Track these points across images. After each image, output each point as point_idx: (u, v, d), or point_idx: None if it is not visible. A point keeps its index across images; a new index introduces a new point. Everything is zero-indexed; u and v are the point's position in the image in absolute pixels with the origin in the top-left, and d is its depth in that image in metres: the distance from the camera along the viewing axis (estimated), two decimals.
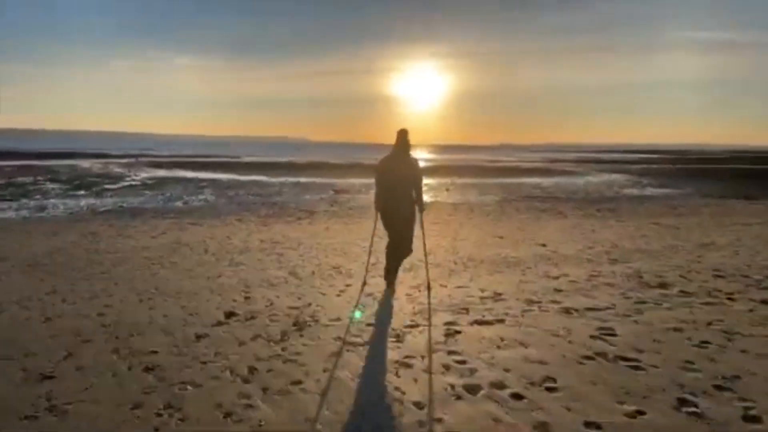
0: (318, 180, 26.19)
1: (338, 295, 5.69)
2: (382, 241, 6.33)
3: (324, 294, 5.75)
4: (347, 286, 6.08)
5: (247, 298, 5.56)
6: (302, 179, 26.43)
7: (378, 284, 6.06)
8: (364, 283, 5.97)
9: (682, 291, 5.93)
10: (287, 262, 7.38)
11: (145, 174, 28.40)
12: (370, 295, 5.69)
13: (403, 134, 5.63)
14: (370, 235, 6.35)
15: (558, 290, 5.92)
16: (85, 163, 37.96)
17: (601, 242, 9.22)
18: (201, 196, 17.57)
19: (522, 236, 9.87)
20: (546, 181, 27.92)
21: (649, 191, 22.16)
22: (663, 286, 6.15)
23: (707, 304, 5.45)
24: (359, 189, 21.39)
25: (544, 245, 8.88)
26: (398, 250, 5.76)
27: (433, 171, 36.10)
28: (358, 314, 5.03)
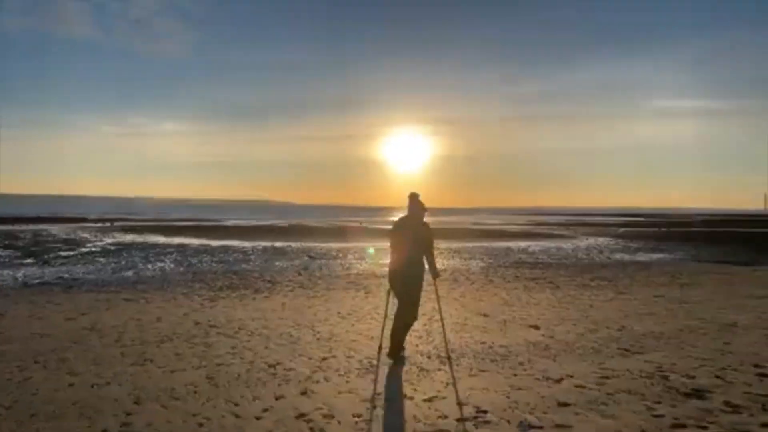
0: (295, 244, 24.65)
1: (258, 418, 4.05)
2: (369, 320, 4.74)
3: (238, 417, 4.08)
4: (277, 399, 4.44)
5: (124, 425, 3.88)
6: (278, 244, 24.86)
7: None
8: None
9: (726, 403, 4.38)
10: (212, 358, 5.72)
11: (110, 239, 26.65)
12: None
13: (414, 197, 5.67)
14: (340, 314, 4.88)
15: (563, 404, 4.34)
16: (54, 228, 36.12)
17: (605, 322, 7.71)
18: (159, 264, 15.88)
19: (511, 314, 8.33)
20: (533, 245, 26.65)
21: (642, 257, 20.90)
22: (699, 394, 4.61)
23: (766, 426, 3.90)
24: (336, 254, 19.85)
25: (537, 327, 7.33)
26: (406, 316, 5.58)
27: None
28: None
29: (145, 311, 8.45)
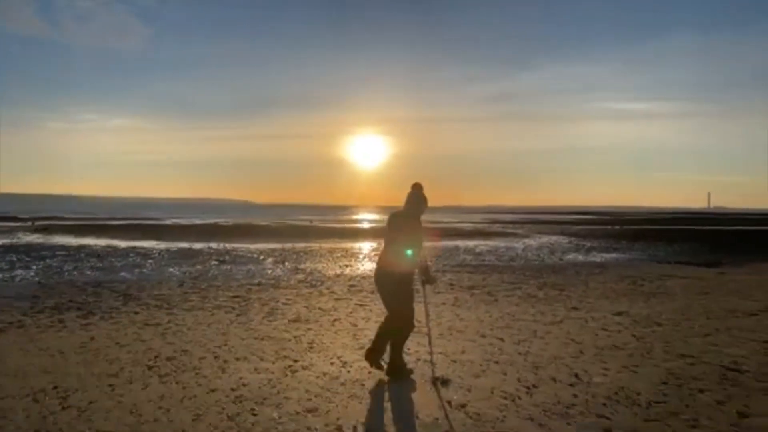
0: (216, 246, 21.46)
1: None
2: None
3: None
4: None
5: None
6: (198, 245, 21.59)
7: None
8: None
9: None
10: None
11: (7, 240, 22.82)
12: None
13: (417, 189, 4.78)
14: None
15: None
16: None
17: (549, 367, 5.09)
18: (20, 272, 12.55)
19: (414, 353, 5.62)
20: (482, 244, 24.28)
21: (596, 257, 18.72)
22: None
23: None
24: (254, 257, 16.85)
25: (444, 383, 4.64)
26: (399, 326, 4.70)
27: (366, 234, 32.10)
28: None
29: None
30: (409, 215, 4.73)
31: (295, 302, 8.63)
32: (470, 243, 25.22)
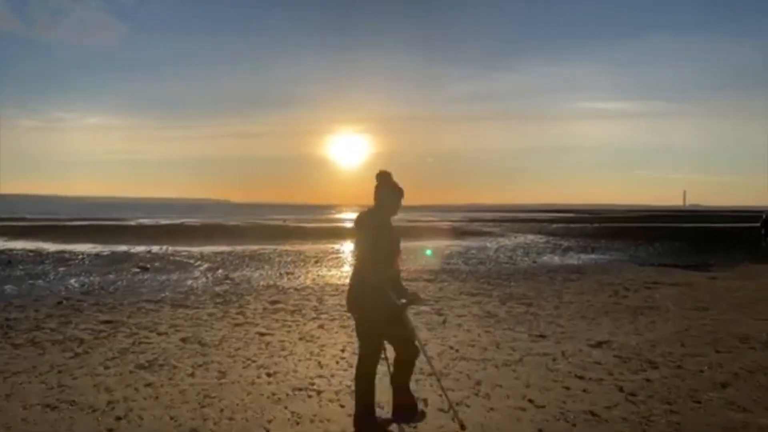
0: (157, 249, 19.11)
1: None
2: None
3: None
4: None
5: None
6: (138, 248, 19.20)
7: None
8: None
9: None
10: None
11: None
12: None
13: (385, 179, 3.63)
14: None
15: None
16: None
17: None
18: None
19: (302, 417, 3.51)
20: (453, 245, 22.27)
21: (573, 259, 16.82)
22: None
23: None
24: (188, 262, 14.60)
25: None
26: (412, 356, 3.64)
27: (334, 234, 29.92)
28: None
29: None
30: (382, 215, 3.61)
31: (175, 332, 6.44)
32: (443, 243, 23.22)
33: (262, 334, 6.29)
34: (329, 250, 19.73)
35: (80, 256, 16.24)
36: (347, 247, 20.57)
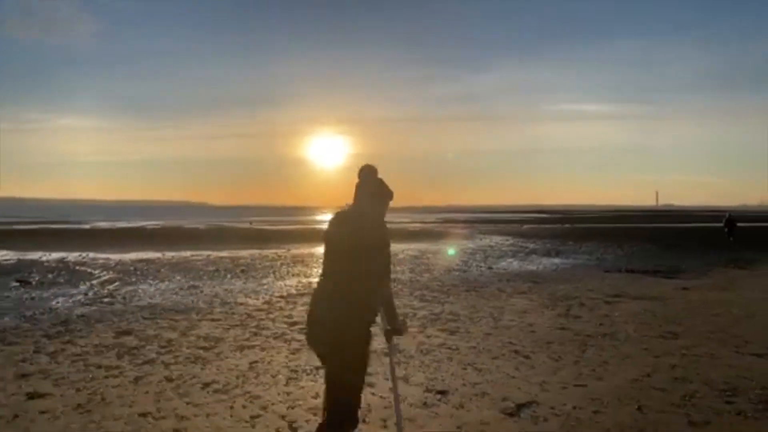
0: (78, 255, 16.80)
1: None
2: None
3: None
4: None
5: None
6: (52, 256, 16.85)
7: None
8: None
9: None
10: None
11: None
12: None
13: (367, 174, 2.77)
14: None
15: None
16: None
17: None
18: None
19: None
20: (409, 249, 20.33)
21: (533, 263, 15.02)
22: None
23: None
24: (89, 272, 12.39)
25: None
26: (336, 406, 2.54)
27: (297, 237, 27.81)
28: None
29: None
30: (366, 216, 2.67)
31: None
32: (400, 247, 21.29)
33: (30, 397, 4.20)
34: (273, 256, 17.61)
35: None
36: (304, 251, 18.48)
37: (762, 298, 8.83)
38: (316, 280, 2.84)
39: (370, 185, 2.74)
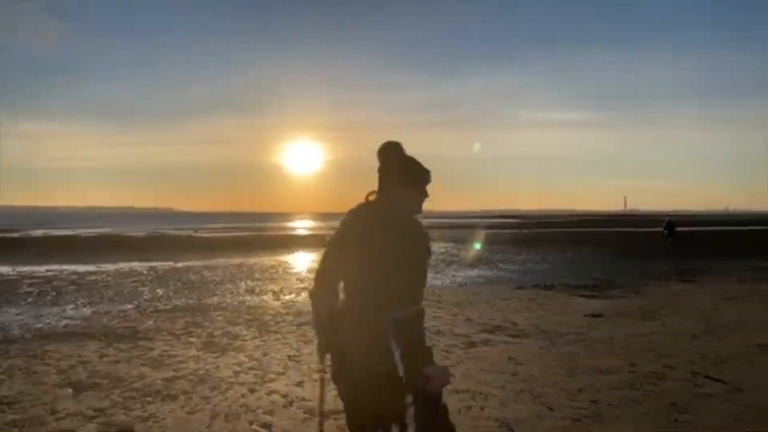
0: None
1: None
2: None
3: None
4: None
5: None
6: None
7: None
8: None
9: None
10: None
11: None
12: None
13: (391, 153, 1.96)
14: None
15: None
16: None
17: None
18: None
19: None
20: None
21: (442, 277, 12.11)
22: None
23: None
24: None
25: None
26: None
27: (235, 245, 24.57)
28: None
29: None
30: (398, 213, 1.92)
31: None
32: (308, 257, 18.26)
33: None
34: (196, 268, 14.40)
35: None
36: (238, 262, 15.28)
37: (693, 335, 5.98)
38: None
39: (397, 167, 1.92)
